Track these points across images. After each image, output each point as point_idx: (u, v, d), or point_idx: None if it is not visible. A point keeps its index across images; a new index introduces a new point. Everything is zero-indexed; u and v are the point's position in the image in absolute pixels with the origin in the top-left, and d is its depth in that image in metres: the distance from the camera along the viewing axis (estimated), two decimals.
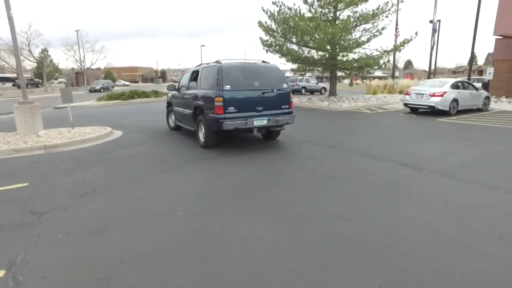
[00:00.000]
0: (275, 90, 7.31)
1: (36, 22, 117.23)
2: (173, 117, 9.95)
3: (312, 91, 34.11)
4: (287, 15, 17.38)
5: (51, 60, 52.27)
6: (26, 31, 39.99)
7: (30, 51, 42.10)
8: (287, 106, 7.55)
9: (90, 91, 42.26)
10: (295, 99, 22.62)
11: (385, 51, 18.30)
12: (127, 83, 65.42)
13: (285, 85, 7.51)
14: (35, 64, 52.08)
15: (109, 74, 57.79)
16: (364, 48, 18.45)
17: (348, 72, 21.21)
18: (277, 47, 18.41)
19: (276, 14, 17.82)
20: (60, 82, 61.64)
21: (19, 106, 9.23)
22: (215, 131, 7.17)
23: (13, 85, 59.18)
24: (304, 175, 5.77)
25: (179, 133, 9.96)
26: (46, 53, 49.09)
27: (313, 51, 18.99)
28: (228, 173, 5.98)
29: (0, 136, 9.21)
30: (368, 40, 17.90)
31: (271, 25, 18.40)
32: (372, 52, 18.61)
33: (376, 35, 18.25)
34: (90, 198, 4.78)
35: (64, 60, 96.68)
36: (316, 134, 10.15)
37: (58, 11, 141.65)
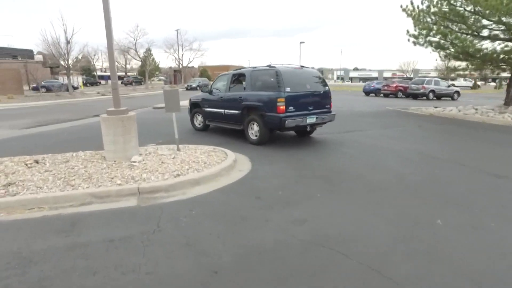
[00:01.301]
0: (321, 91, 8.26)
1: (142, 22, 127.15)
2: (199, 118, 10.31)
3: (440, 96, 27.30)
4: None
5: (153, 59, 53.77)
6: (133, 30, 40.92)
7: (136, 50, 43.22)
8: (328, 106, 8.48)
9: (187, 89, 41.76)
10: (422, 108, 17.06)
11: None
12: None
13: (327, 88, 8.48)
14: (139, 63, 54.53)
15: (204, 72, 57.81)
16: None
17: None
18: (438, 35, 13.10)
19: None
20: (159, 80, 64.26)
21: (107, 119, 6.15)
22: (272, 129, 7.99)
23: (121, 83, 63.90)
24: None
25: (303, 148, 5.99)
26: (149, 52, 50.47)
27: (492, 43, 13.14)
28: None
29: (81, 158, 6.29)
30: None
31: (422, 8, 13.32)
32: None
33: None
34: None
35: (164, 59, 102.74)
36: None
37: (160, 11, 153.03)
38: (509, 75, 15.01)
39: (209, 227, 3.82)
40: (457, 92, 28.23)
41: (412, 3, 13.93)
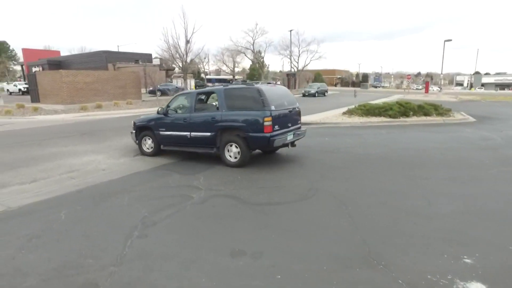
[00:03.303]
0: (296, 108, 8.10)
1: (262, 21, 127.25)
2: (149, 142, 8.81)
3: None
4: None
5: (263, 62, 50.16)
6: (252, 29, 37.61)
7: (253, 51, 39.99)
8: (300, 122, 8.44)
9: (304, 95, 36.61)
10: None
11: None
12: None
13: (298, 104, 8.31)
14: (248, 66, 51.76)
15: (318, 76, 52.20)
16: None
17: None
18: None
19: None
20: (269, 83, 60.95)
21: None
22: (254, 149, 7.56)
23: None
24: None
25: None
26: (259, 54, 46.92)
27: None
28: None
29: None
30: None
31: None
32: None
33: None
34: None
35: (275, 61, 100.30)
36: None
37: (278, 11, 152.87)
38: None
39: None
40: None
41: None
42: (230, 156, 7.51)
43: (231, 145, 7.50)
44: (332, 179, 6.52)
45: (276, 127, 7.18)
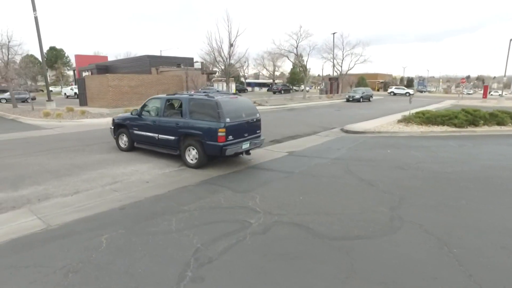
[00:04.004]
0: (254, 119, 8.52)
1: (305, 24, 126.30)
2: (125, 138, 9.89)
3: None
4: None
5: (306, 66, 48.66)
6: (296, 32, 36.48)
7: (296, 54, 38.89)
8: (259, 131, 8.83)
9: (348, 100, 34.88)
10: None
11: None
12: None
13: (258, 115, 8.74)
14: (288, 70, 50.67)
15: (362, 80, 49.89)
16: None
17: None
18: None
19: None
20: (309, 88, 59.56)
21: None
22: (210, 154, 7.87)
23: (267, 90, 62.42)
24: None
25: None
26: (301, 57, 45.61)
27: None
28: None
29: None
30: None
31: None
32: None
33: None
34: None
35: (316, 65, 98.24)
36: None
37: (321, 14, 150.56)
38: None
39: None
40: None
41: None
42: (190, 159, 8.18)
43: (190, 149, 8.16)
44: (416, 206, 5.35)
45: (230, 137, 7.74)
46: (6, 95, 32.60)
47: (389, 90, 50.81)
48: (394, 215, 4.92)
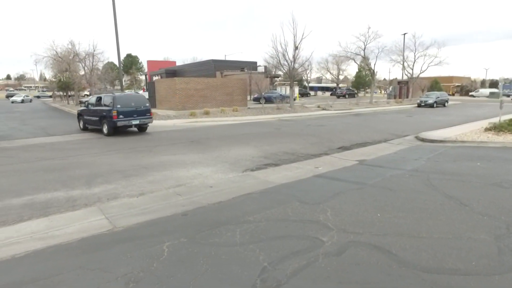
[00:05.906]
0: (142, 107, 14.69)
1: (375, 24, 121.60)
2: (82, 122, 16.43)
3: None
4: None
5: (373, 69, 46.26)
6: (364, 33, 34.64)
7: (364, 56, 37.03)
8: (149, 115, 14.94)
9: (419, 105, 32.17)
10: None
11: None
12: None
13: (147, 104, 15.23)
14: (353, 73, 48.49)
15: (435, 84, 45.69)
16: None
17: None
18: None
19: None
20: (378, 92, 56.38)
21: None
22: (112, 127, 13.84)
23: (331, 94, 60.62)
24: None
25: None
26: (368, 60, 43.36)
27: None
28: None
29: None
30: None
31: None
32: None
33: None
34: None
35: (382, 68, 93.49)
36: None
37: (389, 14, 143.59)
38: None
39: None
40: None
41: None
42: (105, 130, 14.09)
43: (105, 124, 14.09)
44: None
45: (121, 116, 13.70)
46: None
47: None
48: (503, 247, 3.99)
